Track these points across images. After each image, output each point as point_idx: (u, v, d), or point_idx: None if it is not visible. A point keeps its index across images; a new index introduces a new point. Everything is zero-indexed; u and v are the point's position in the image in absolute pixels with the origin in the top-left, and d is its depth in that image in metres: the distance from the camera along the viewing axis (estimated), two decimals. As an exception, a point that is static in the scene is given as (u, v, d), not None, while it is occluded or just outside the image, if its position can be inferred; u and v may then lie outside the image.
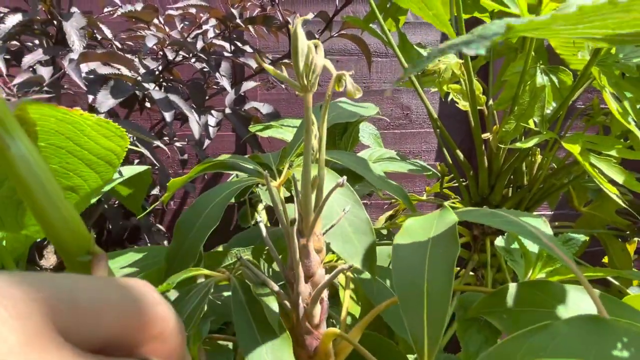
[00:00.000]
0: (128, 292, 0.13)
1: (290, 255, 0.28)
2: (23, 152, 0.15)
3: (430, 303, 0.24)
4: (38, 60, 0.58)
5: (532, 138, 0.48)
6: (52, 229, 0.17)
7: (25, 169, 0.16)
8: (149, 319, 0.13)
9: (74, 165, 0.25)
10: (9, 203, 0.25)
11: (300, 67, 0.26)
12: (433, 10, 0.18)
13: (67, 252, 0.17)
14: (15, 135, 0.15)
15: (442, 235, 0.25)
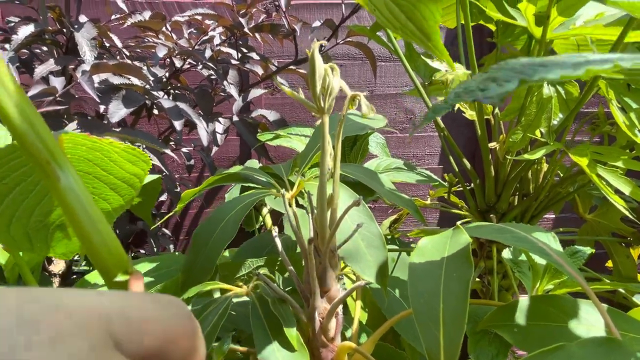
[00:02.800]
0: (167, 308, 0.15)
1: (307, 271, 0.29)
2: (71, 184, 0.17)
3: (445, 325, 0.25)
4: (50, 70, 0.59)
5: (539, 149, 0.49)
6: (94, 251, 0.18)
7: (72, 198, 0.17)
8: (185, 333, 0.15)
9: (100, 190, 0.26)
10: (40, 228, 0.26)
11: (317, 90, 0.27)
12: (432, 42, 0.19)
13: (107, 272, 0.18)
14: (65, 169, 0.16)
15: (455, 255, 0.26)
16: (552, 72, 0.14)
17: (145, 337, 0.13)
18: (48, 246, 0.28)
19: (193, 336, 0.15)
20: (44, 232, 0.27)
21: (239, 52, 0.81)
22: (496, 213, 0.62)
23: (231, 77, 0.75)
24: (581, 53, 0.16)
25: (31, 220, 0.25)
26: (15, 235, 0.25)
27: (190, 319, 0.15)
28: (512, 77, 0.14)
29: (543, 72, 0.14)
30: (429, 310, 0.24)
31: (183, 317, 0.15)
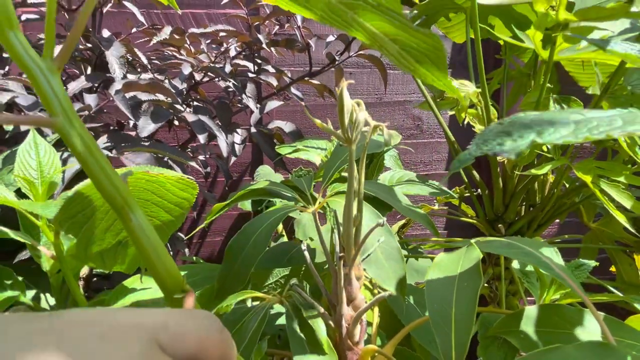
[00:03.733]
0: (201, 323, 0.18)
1: (335, 282, 0.33)
2: (140, 222, 0.20)
3: (456, 327, 0.28)
4: (82, 87, 0.63)
5: (545, 165, 0.52)
6: (158, 274, 0.22)
7: (141, 234, 0.20)
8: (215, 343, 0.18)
9: (156, 213, 0.30)
10: (110, 249, 0.30)
11: (346, 123, 0.30)
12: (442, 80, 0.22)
13: (167, 290, 0.22)
14: (135, 210, 0.20)
15: (468, 270, 0.29)
16: (557, 134, 0.17)
17: (183, 345, 0.17)
18: (115, 262, 0.32)
19: (222, 345, 0.18)
20: (113, 251, 0.31)
21: (255, 65, 0.84)
22: (504, 222, 0.65)
23: (249, 90, 0.79)
24: (581, 110, 0.20)
25: (104, 242, 0.29)
26: (90, 255, 0.29)
27: (220, 331, 0.18)
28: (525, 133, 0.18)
29: (550, 134, 0.18)
30: (443, 315, 0.27)
31: (214, 330, 0.18)
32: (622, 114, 0.19)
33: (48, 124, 0.18)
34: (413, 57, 0.21)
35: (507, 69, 0.70)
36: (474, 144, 0.19)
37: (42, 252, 0.47)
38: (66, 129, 0.18)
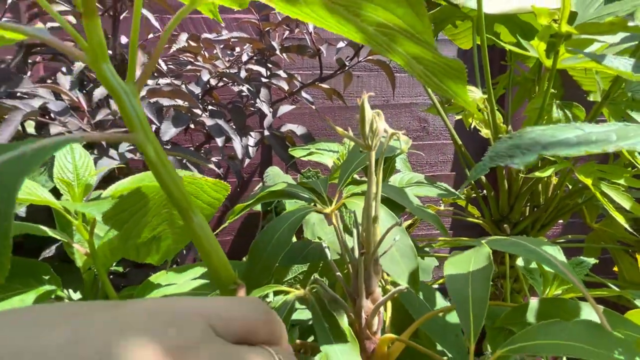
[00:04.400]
0: (247, 306, 0.21)
1: (356, 277, 0.36)
2: (200, 222, 0.24)
3: (473, 303, 0.32)
4: (106, 93, 0.67)
5: (548, 168, 0.55)
6: (214, 268, 0.25)
7: (201, 232, 0.24)
8: (261, 322, 0.21)
9: None
10: (145, 243, 0.33)
11: (366, 132, 0.34)
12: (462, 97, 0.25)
13: (222, 283, 0.25)
14: (195, 212, 0.23)
15: (481, 260, 0.33)
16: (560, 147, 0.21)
17: (233, 329, 0.19)
18: (148, 254, 0.36)
19: (268, 325, 0.21)
20: (148, 245, 0.34)
21: (268, 70, 0.88)
22: (509, 223, 0.68)
23: (263, 94, 0.83)
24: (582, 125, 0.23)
25: (141, 236, 0.33)
26: (128, 249, 0.33)
27: (266, 313, 0.21)
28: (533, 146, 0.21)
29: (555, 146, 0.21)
30: (463, 294, 0.31)
31: (260, 313, 0.21)
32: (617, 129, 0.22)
33: (129, 139, 0.22)
34: (437, 77, 0.24)
35: (512, 75, 0.73)
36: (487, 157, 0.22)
37: (76, 249, 0.50)
38: (144, 143, 0.22)
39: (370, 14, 0.21)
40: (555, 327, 0.28)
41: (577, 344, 0.27)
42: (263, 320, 0.21)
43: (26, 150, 0.16)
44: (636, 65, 0.32)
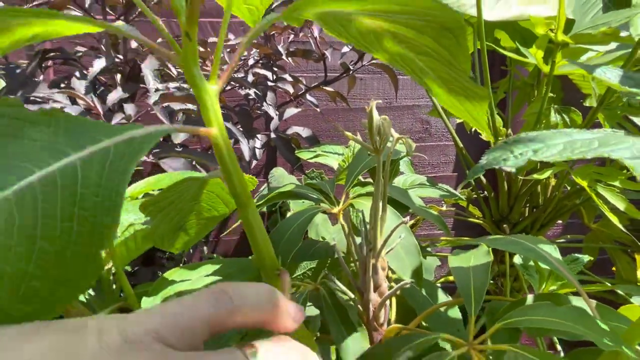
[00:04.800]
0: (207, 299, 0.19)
1: (364, 272, 0.39)
2: (254, 215, 0.27)
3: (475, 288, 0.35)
4: (120, 97, 0.70)
5: (546, 170, 0.58)
6: (261, 256, 0.28)
7: (254, 223, 0.27)
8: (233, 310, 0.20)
9: (216, 204, 0.36)
10: (171, 232, 0.36)
11: (374, 136, 0.37)
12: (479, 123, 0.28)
13: (267, 270, 0.28)
14: (252, 205, 0.26)
15: (480, 255, 0.36)
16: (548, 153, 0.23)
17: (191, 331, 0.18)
18: (172, 244, 0.39)
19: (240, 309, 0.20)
20: (173, 234, 0.37)
21: (274, 74, 0.91)
22: (509, 223, 0.71)
23: (269, 98, 0.85)
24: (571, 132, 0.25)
25: (170, 225, 0.35)
26: (156, 236, 0.36)
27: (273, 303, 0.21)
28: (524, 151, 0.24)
29: (544, 151, 0.23)
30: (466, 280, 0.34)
31: (223, 301, 0.19)
32: (600, 137, 0.25)
33: (207, 133, 0.25)
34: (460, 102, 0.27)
35: (512, 79, 0.76)
36: (484, 159, 0.25)
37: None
38: (218, 137, 0.25)
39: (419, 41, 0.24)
40: (547, 308, 0.31)
41: (567, 322, 0.29)
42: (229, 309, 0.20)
43: (135, 135, 0.18)
44: (624, 76, 0.35)
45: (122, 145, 0.17)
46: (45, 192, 0.14)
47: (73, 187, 0.15)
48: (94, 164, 0.16)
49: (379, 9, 0.23)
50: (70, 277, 0.15)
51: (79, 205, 0.15)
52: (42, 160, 0.15)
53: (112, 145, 0.17)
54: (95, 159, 0.16)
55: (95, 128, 0.17)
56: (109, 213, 0.16)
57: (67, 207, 0.15)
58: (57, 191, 0.14)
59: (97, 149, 0.16)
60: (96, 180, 0.15)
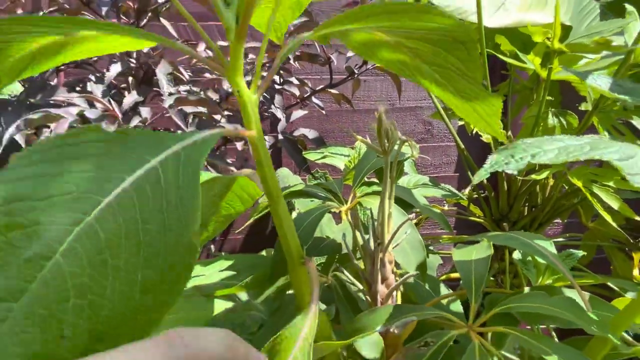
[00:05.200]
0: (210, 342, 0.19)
1: (372, 264, 0.42)
2: (284, 209, 0.30)
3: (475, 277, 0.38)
4: (135, 100, 0.73)
5: (544, 170, 0.61)
6: (289, 246, 0.31)
7: (283, 216, 0.30)
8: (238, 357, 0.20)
9: (234, 202, 0.40)
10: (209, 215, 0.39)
11: (383, 138, 0.40)
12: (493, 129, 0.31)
13: (293, 258, 0.32)
14: (280, 199, 0.29)
15: (481, 250, 0.39)
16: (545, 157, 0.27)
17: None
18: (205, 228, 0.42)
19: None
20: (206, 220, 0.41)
21: (281, 77, 0.94)
22: (508, 221, 0.74)
23: (276, 100, 0.89)
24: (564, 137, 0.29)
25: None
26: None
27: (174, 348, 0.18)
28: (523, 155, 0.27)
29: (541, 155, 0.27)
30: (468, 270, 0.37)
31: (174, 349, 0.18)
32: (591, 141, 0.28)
33: (247, 134, 0.28)
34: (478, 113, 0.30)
35: (511, 83, 0.79)
36: (488, 163, 0.28)
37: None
38: (256, 140, 0.28)
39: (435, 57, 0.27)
40: (541, 297, 0.34)
41: (558, 310, 0.33)
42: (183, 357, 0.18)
43: (197, 139, 0.21)
44: (614, 83, 0.38)
45: (189, 148, 0.20)
46: (138, 192, 0.18)
47: (158, 186, 0.18)
48: (170, 166, 0.19)
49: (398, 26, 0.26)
50: (175, 262, 0.18)
51: (166, 199, 0.18)
52: (130, 167, 0.18)
53: (181, 149, 0.20)
54: (170, 162, 0.19)
55: (163, 137, 0.20)
56: (191, 204, 0.19)
57: (157, 201, 0.18)
58: (147, 191, 0.18)
59: (171, 152, 0.19)
60: (174, 178, 0.19)
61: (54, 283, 0.16)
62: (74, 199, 0.17)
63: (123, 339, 0.17)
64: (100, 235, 0.17)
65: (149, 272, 0.18)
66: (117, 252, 0.17)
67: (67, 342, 0.16)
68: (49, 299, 0.16)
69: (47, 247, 0.16)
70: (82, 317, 0.16)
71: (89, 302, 0.16)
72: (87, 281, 0.16)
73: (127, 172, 0.18)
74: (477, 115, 0.31)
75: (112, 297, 0.17)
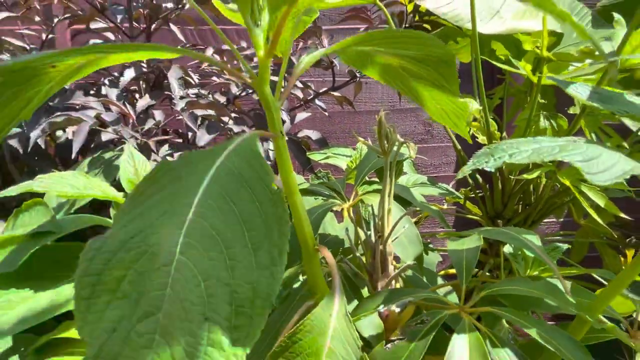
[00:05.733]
0: None
1: (373, 257, 0.46)
2: (301, 201, 0.34)
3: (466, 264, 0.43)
4: (148, 104, 0.78)
5: (536, 170, 0.65)
6: (304, 235, 0.35)
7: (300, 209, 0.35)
8: None
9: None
10: None
11: (383, 140, 0.44)
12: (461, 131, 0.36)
13: (308, 246, 0.36)
14: (298, 194, 0.33)
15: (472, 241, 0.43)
16: (520, 156, 0.31)
17: None
18: None
19: None
20: None
21: (285, 80, 0.98)
22: (503, 219, 0.78)
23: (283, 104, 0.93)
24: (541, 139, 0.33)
25: None
26: None
27: None
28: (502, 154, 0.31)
29: (517, 155, 0.31)
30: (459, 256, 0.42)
31: None
32: (561, 144, 0.32)
33: (271, 136, 0.32)
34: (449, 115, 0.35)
35: (507, 87, 0.83)
36: (471, 161, 0.32)
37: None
38: (279, 139, 0.32)
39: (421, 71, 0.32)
40: (525, 282, 0.38)
41: (540, 292, 0.37)
42: None
43: (246, 137, 0.27)
44: (593, 92, 0.42)
45: (244, 143, 0.26)
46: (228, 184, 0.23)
47: (241, 175, 0.23)
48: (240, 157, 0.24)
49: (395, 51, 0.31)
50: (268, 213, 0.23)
51: (254, 189, 0.23)
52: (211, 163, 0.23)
53: (238, 145, 0.25)
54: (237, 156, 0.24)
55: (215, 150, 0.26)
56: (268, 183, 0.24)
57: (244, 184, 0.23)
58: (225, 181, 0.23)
59: (233, 146, 0.25)
60: (247, 167, 0.24)
61: (183, 276, 0.20)
62: (170, 213, 0.22)
63: (257, 303, 0.21)
64: (204, 224, 0.22)
65: (253, 233, 0.22)
66: (221, 230, 0.22)
67: (210, 321, 0.20)
68: (184, 291, 0.20)
69: (168, 255, 0.21)
70: (215, 295, 0.21)
71: (216, 280, 0.21)
72: (208, 262, 0.21)
73: (205, 172, 0.24)
74: (447, 117, 0.36)
75: (234, 265, 0.22)
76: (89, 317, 0.19)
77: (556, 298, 0.38)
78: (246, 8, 0.30)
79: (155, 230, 0.21)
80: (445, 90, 0.33)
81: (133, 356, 0.18)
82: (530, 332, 0.35)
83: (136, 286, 0.20)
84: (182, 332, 0.19)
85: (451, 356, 0.32)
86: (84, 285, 0.20)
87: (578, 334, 0.40)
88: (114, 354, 0.18)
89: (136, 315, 0.19)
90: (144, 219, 0.22)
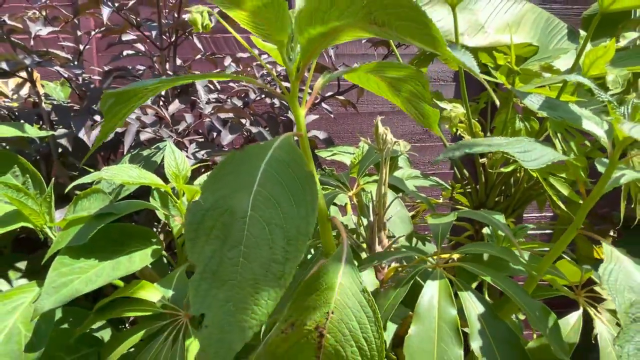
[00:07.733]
0: None
1: (371, 231, 0.59)
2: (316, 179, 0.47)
3: (441, 231, 0.56)
4: (177, 108, 0.91)
5: (511, 165, 0.78)
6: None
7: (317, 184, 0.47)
8: None
9: None
10: None
11: (380, 140, 0.57)
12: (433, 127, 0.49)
13: (323, 217, 0.49)
14: (314, 171, 0.46)
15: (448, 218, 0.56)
16: (476, 149, 0.43)
17: None
18: None
19: None
20: None
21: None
22: (486, 207, 0.90)
23: (292, 106, 1.06)
24: (497, 138, 0.46)
25: None
26: None
27: None
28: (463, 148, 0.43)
29: (475, 148, 0.43)
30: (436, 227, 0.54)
31: None
32: (511, 141, 0.45)
33: (298, 135, 0.45)
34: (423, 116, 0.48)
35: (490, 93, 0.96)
36: (442, 154, 0.45)
37: (174, 219, 0.74)
38: (304, 140, 0.45)
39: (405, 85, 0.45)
40: (488, 246, 0.52)
41: (498, 253, 0.50)
42: None
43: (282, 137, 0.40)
44: (544, 102, 0.54)
45: (285, 140, 0.39)
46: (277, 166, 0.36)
47: (284, 161, 0.37)
48: (282, 149, 0.37)
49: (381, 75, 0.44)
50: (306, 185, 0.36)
51: (293, 169, 0.36)
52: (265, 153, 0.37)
53: (280, 141, 0.38)
54: (280, 149, 0.37)
55: (264, 145, 0.39)
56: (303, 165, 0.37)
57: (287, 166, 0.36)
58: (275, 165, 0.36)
59: (277, 143, 0.38)
60: (287, 155, 0.37)
61: (254, 224, 0.34)
62: (241, 186, 0.36)
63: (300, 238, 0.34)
64: (264, 192, 0.35)
65: (295, 197, 0.36)
66: (275, 195, 0.36)
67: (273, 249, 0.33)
68: (256, 232, 0.34)
69: (242, 212, 0.34)
70: (275, 234, 0.34)
71: (275, 225, 0.34)
72: (268, 214, 0.34)
73: (261, 159, 0.38)
74: (422, 119, 0.49)
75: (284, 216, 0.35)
76: (195, 249, 0.32)
77: (511, 258, 0.50)
78: (283, 50, 0.43)
79: (233, 196, 0.34)
80: (424, 99, 0.46)
81: (227, 271, 0.31)
82: (485, 279, 0.47)
83: (223, 231, 0.33)
84: (256, 257, 0.32)
85: (424, 294, 0.45)
86: (189, 230, 0.33)
87: (529, 288, 0.53)
88: (213, 270, 0.31)
89: (226, 247, 0.32)
90: (224, 190, 0.35)
